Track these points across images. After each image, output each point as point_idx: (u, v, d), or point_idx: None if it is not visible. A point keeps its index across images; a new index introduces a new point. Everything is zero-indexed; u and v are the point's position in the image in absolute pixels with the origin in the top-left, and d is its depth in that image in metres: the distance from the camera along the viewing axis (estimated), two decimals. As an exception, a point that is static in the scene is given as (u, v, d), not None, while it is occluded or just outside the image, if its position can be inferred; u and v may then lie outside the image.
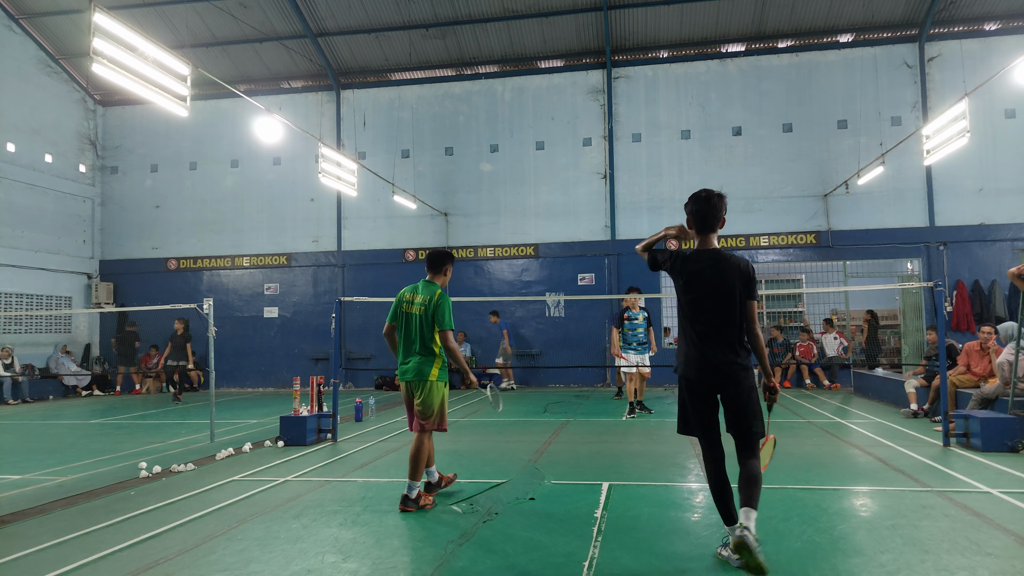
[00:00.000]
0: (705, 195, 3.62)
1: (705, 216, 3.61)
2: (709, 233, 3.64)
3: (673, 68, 15.28)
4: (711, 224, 3.62)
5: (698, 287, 3.55)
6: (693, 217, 3.65)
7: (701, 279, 3.54)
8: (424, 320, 4.76)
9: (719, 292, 3.52)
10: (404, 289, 5.00)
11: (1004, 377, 7.33)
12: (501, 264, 15.54)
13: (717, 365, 3.48)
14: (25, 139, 15.53)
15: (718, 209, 3.60)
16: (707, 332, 3.52)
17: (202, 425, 8.97)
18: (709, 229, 3.63)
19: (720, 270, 3.53)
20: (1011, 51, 13.47)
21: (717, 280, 3.52)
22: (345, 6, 15.00)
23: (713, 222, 3.61)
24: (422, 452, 4.80)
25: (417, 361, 4.79)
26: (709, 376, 3.51)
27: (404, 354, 4.88)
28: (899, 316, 14.70)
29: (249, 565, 3.68)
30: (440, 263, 4.97)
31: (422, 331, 4.77)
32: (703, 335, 3.52)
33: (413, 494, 4.74)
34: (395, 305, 4.96)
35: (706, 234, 3.64)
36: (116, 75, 6.29)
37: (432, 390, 4.79)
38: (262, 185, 16.66)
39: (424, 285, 4.90)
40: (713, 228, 3.63)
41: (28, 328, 15.60)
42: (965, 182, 13.93)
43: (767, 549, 3.78)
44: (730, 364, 3.48)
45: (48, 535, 4.28)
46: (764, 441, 3.60)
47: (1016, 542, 3.82)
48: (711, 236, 3.64)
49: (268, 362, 16.27)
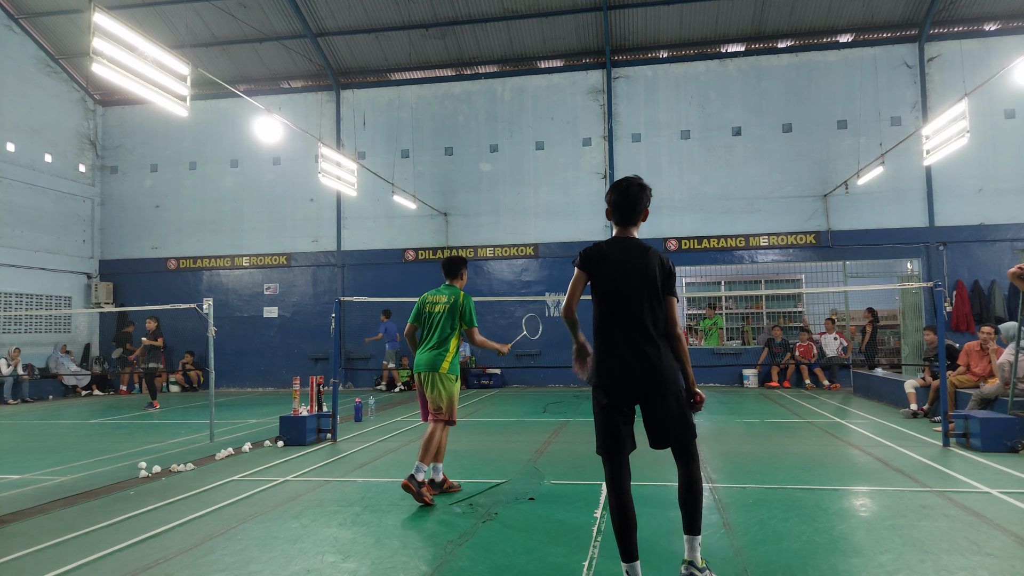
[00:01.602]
0: (625, 184, 3.30)
1: (624, 208, 3.31)
2: (630, 227, 3.32)
3: (673, 68, 15.28)
4: (632, 217, 3.31)
5: (616, 279, 3.20)
6: (612, 208, 3.33)
7: (622, 269, 3.20)
8: (445, 317, 5.11)
9: (644, 284, 3.19)
10: (426, 293, 5.34)
11: (1005, 377, 7.33)
12: (501, 264, 15.54)
13: (642, 368, 3.12)
14: (25, 139, 15.52)
15: (639, 200, 3.28)
16: (630, 331, 3.15)
17: (202, 425, 8.97)
18: (630, 223, 3.32)
19: (644, 261, 3.22)
20: (1011, 51, 13.47)
21: (640, 271, 3.20)
22: (345, 6, 15.00)
23: (634, 215, 3.31)
24: (433, 440, 5.02)
25: (433, 354, 5.08)
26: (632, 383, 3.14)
27: (422, 349, 5.19)
28: (899, 316, 14.70)
29: (248, 565, 3.68)
30: (456, 268, 5.34)
31: (442, 327, 5.11)
32: (626, 335, 3.15)
33: (419, 476, 4.90)
34: (418, 306, 5.28)
35: (626, 227, 3.32)
36: (116, 75, 6.29)
37: (444, 382, 5.07)
38: (262, 185, 16.66)
39: (446, 288, 5.28)
40: (634, 221, 3.32)
41: (28, 328, 15.60)
42: (965, 182, 13.93)
43: (767, 549, 3.78)
44: (655, 367, 3.12)
45: (48, 535, 4.28)
46: None
47: (1016, 542, 3.82)
48: (631, 230, 3.33)
49: (268, 362, 16.26)
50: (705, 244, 14.80)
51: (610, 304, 3.21)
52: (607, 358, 3.18)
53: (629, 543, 3.06)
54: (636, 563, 3.05)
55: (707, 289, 15.97)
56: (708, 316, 15.26)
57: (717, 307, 15.56)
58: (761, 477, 5.62)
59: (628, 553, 3.06)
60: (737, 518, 4.42)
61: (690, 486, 3.20)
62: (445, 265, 5.35)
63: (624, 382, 3.14)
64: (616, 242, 3.31)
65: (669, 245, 14.91)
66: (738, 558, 3.65)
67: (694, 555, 3.19)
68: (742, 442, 7.45)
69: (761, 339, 14.71)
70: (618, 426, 3.14)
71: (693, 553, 3.19)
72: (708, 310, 15.39)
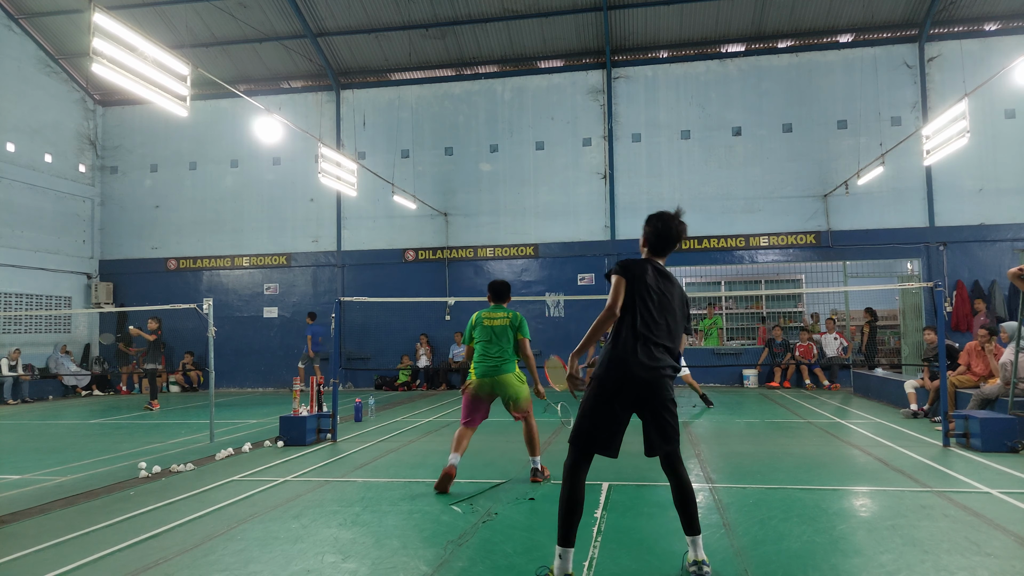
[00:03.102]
0: (669, 216, 3.50)
1: (668, 239, 3.49)
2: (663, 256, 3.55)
3: (673, 68, 15.28)
4: (670, 249, 3.54)
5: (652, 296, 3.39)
6: (655, 238, 3.50)
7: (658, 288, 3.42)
8: (508, 330, 5.68)
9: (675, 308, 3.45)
10: (479, 312, 5.83)
11: (1006, 377, 7.33)
12: (501, 264, 15.54)
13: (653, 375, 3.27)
14: (25, 139, 15.52)
15: (681, 235, 3.49)
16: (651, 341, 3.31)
17: (202, 425, 8.96)
18: (666, 254, 3.56)
19: (677, 290, 3.51)
20: (1011, 51, 13.46)
21: (676, 296, 3.48)
22: (345, 6, 15.00)
23: (672, 247, 3.53)
24: (532, 432, 5.63)
25: (502, 362, 5.60)
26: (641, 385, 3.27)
27: (489, 358, 5.63)
28: (899, 316, 14.70)
29: (248, 565, 3.68)
30: (506, 293, 5.90)
31: (507, 339, 5.66)
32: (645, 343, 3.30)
33: (538, 466, 5.61)
34: (474, 326, 5.79)
35: (662, 256, 3.55)
36: (116, 75, 6.29)
37: (519, 381, 5.66)
38: (262, 185, 16.66)
39: (498, 307, 5.81)
40: (669, 253, 3.56)
41: (28, 328, 15.59)
42: (965, 182, 13.93)
43: (767, 549, 3.78)
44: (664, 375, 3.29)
45: (47, 535, 4.28)
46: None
47: (1016, 542, 3.81)
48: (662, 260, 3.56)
49: (268, 362, 16.26)
50: (705, 244, 14.80)
51: (643, 314, 3.33)
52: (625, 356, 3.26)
53: (573, 529, 3.19)
54: (572, 550, 3.18)
55: (707, 289, 15.97)
56: (708, 316, 15.26)
57: (717, 307, 15.56)
58: (761, 477, 5.62)
59: (569, 539, 3.18)
60: (737, 518, 4.42)
61: (686, 489, 3.33)
62: (496, 290, 5.86)
63: (633, 382, 3.24)
64: (652, 264, 3.48)
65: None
66: (738, 558, 3.65)
67: (701, 554, 3.28)
68: (742, 442, 7.45)
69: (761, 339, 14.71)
70: (621, 424, 3.28)
71: (700, 552, 3.28)
72: (708, 309, 15.39)
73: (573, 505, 3.20)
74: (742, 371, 14.24)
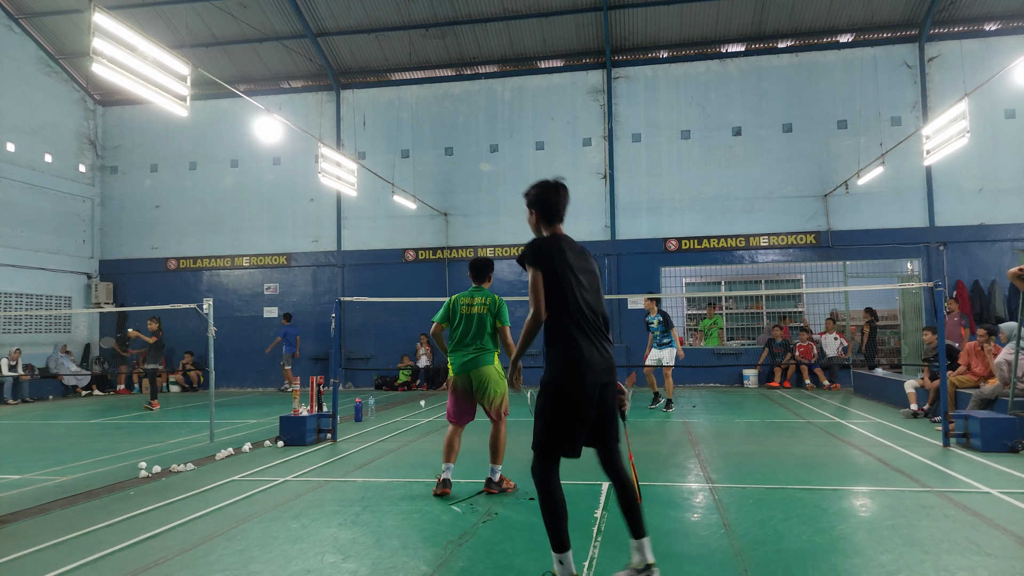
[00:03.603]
0: (555, 184, 3.41)
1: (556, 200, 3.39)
2: (559, 223, 3.41)
3: (673, 68, 15.27)
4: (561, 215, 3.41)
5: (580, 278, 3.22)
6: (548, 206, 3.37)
7: (582, 267, 3.25)
8: (486, 317, 5.18)
9: (599, 285, 3.31)
10: (456, 295, 5.40)
11: (1003, 377, 7.33)
12: (501, 264, 15.51)
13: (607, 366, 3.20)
14: (25, 139, 15.52)
15: (566, 200, 3.38)
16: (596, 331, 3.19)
17: (202, 425, 8.96)
18: (559, 219, 3.41)
19: (593, 262, 3.36)
20: (1011, 51, 13.46)
21: (596, 271, 3.35)
22: (345, 6, 15.00)
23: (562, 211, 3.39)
24: (499, 438, 5.19)
25: (479, 354, 5.15)
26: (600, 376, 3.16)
27: (462, 350, 5.19)
28: (899, 316, 14.69)
29: (248, 565, 3.68)
30: (487, 271, 5.42)
31: (483, 327, 5.17)
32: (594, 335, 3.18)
33: (496, 477, 5.16)
34: (449, 308, 5.33)
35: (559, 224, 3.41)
36: (116, 75, 6.29)
37: (496, 377, 5.18)
38: (262, 185, 16.66)
39: (477, 290, 5.33)
40: (562, 218, 3.42)
41: (28, 328, 15.59)
42: (965, 182, 13.93)
43: (767, 549, 3.78)
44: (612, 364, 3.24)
45: (48, 535, 4.28)
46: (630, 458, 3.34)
47: (1016, 542, 3.81)
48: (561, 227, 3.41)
49: (268, 362, 16.25)
50: (705, 244, 14.80)
51: (578, 302, 3.17)
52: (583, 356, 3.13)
53: (564, 533, 3.11)
54: (569, 551, 3.11)
55: (707, 289, 15.96)
56: (708, 316, 15.26)
57: (717, 307, 15.56)
58: (761, 477, 5.62)
59: (564, 543, 3.10)
60: (737, 518, 4.42)
61: (629, 489, 3.22)
62: (476, 268, 5.37)
63: (594, 387, 3.13)
64: (563, 240, 3.30)
65: (669, 245, 14.91)
66: (738, 558, 3.65)
67: (650, 556, 3.18)
68: (742, 442, 7.45)
69: (761, 339, 14.71)
70: (585, 425, 3.16)
71: (649, 555, 3.19)
72: (709, 309, 15.39)
73: (556, 511, 3.11)
74: (742, 371, 14.24)
